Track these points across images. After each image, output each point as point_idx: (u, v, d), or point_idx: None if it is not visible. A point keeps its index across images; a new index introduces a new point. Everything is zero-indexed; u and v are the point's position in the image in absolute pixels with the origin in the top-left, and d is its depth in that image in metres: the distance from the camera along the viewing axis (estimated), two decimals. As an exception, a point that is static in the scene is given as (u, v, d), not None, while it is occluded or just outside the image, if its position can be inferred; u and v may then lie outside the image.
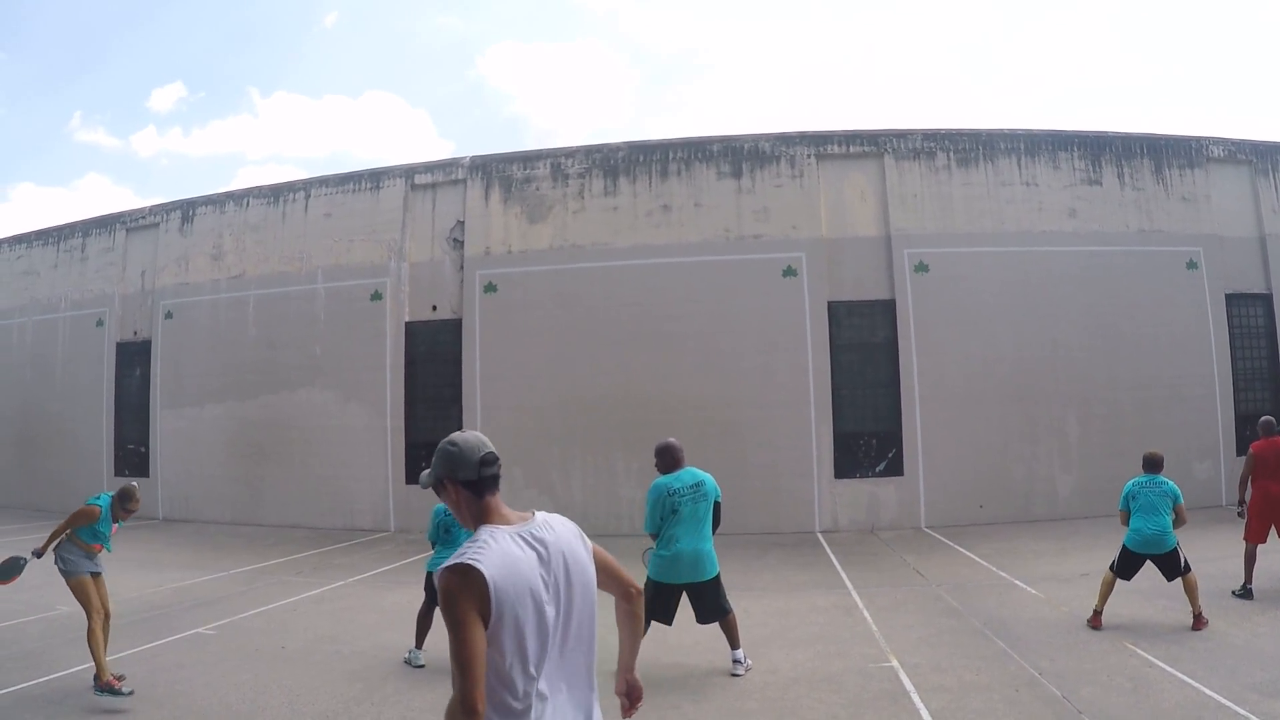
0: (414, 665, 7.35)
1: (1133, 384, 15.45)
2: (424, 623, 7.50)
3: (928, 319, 15.49)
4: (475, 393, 16.41)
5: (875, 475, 15.51)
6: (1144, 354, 15.54)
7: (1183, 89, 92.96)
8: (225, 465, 18.15)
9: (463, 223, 17.14)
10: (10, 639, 8.28)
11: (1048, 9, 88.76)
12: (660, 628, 7.03)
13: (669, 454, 7.03)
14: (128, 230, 20.54)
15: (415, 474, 16.44)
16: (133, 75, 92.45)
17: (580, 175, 16.74)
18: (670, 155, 16.55)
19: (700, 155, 16.45)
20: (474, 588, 2.23)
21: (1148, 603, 8.29)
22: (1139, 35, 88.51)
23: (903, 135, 16.25)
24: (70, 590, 6.78)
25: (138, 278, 20.18)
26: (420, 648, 7.49)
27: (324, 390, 17.44)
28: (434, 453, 2.53)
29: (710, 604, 6.93)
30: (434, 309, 17.24)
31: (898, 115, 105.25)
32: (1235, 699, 5.72)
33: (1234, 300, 16.06)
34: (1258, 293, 16.21)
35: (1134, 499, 8.05)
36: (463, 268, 16.99)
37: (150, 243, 20.10)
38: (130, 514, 6.95)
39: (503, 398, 16.25)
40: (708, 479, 6.99)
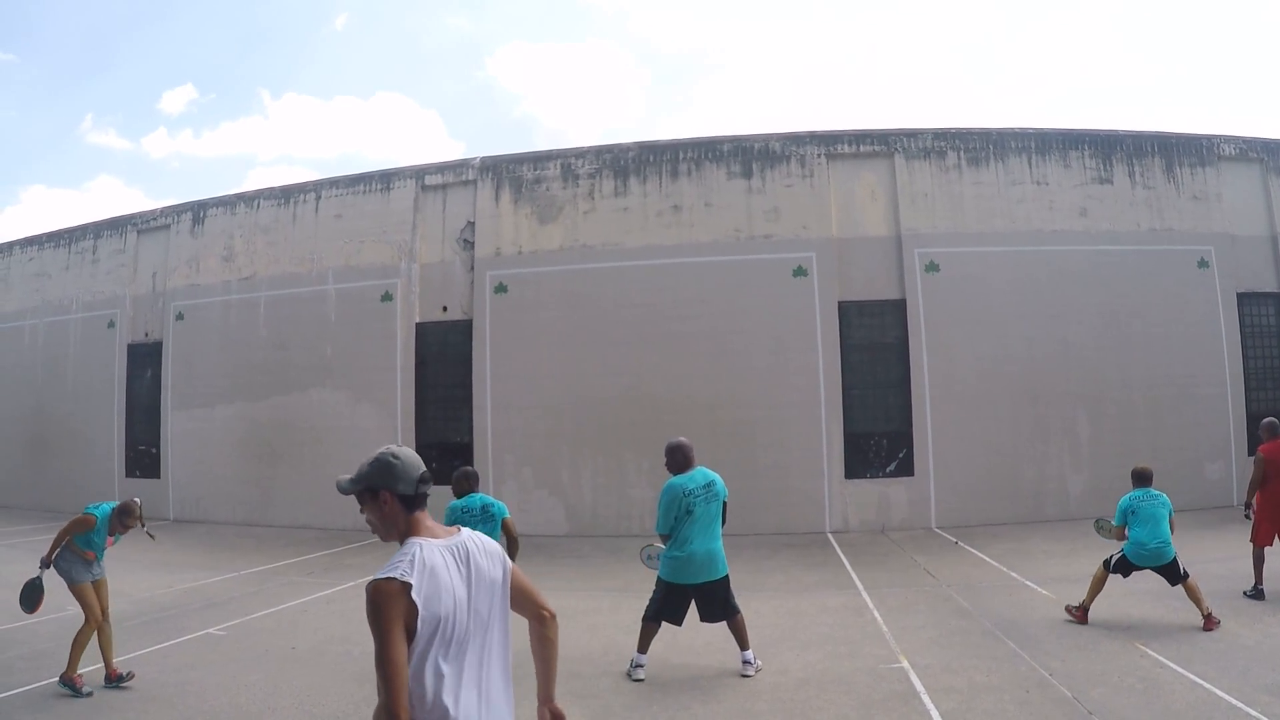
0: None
1: (1144, 383, 15.40)
2: None
3: (938, 319, 15.46)
4: (485, 393, 16.44)
5: (886, 475, 15.48)
6: (1155, 353, 15.49)
7: (1187, 89, 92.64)
8: (236, 466, 18.22)
9: (473, 223, 17.17)
10: (21, 639, 8.32)
11: (1050, 9, 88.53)
12: (670, 629, 7.04)
13: (681, 453, 6.99)
14: (139, 232, 20.64)
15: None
16: (143, 77, 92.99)
17: (590, 176, 16.75)
18: (680, 155, 16.55)
19: (710, 155, 16.44)
20: (400, 599, 2.36)
21: (1158, 603, 8.25)
22: (1142, 35, 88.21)
23: (913, 134, 16.22)
24: (73, 596, 6.95)
25: (149, 279, 20.28)
26: None
27: (335, 391, 17.50)
28: (369, 462, 2.61)
29: (720, 603, 6.93)
30: (444, 310, 17.27)
31: (904, 115, 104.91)
32: (1247, 700, 5.69)
33: (1245, 299, 15.99)
34: (1269, 292, 16.13)
35: (1134, 513, 8.03)
36: (473, 268, 17.02)
37: (161, 244, 20.20)
38: (128, 529, 7.11)
39: (513, 398, 16.27)
40: (717, 478, 6.98)
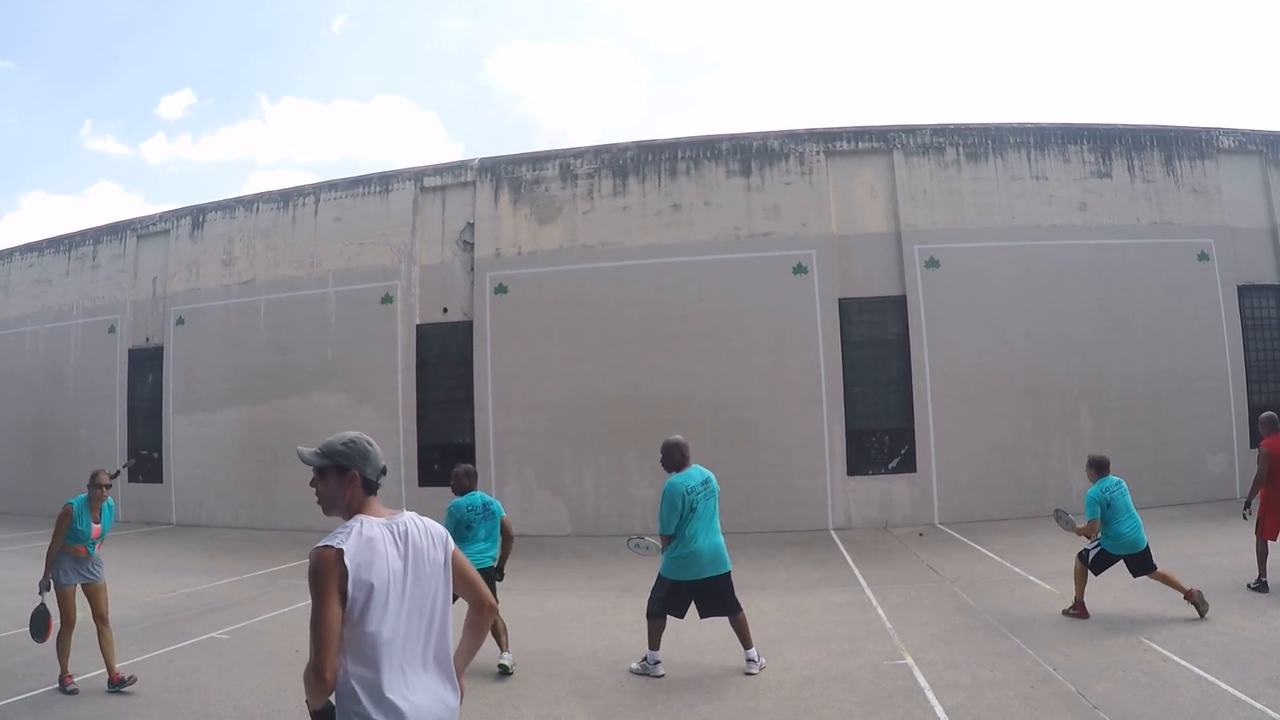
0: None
1: (1145, 377, 15.40)
2: None
3: (939, 314, 15.45)
4: (487, 394, 16.44)
5: (888, 472, 15.48)
6: (1156, 347, 15.48)
7: (1186, 88, 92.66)
8: (238, 470, 18.23)
9: (472, 225, 17.16)
10: (25, 645, 8.28)
11: (1049, 8, 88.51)
12: (674, 627, 7.03)
13: (678, 451, 7.04)
14: (139, 237, 20.64)
15: (428, 477, 16.54)
16: (142, 83, 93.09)
17: (589, 176, 16.74)
18: (679, 154, 16.54)
19: (709, 154, 16.43)
20: (337, 568, 2.57)
21: (1161, 597, 8.24)
22: (1140, 35, 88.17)
23: (911, 131, 16.21)
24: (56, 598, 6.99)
25: (149, 284, 20.28)
26: None
27: (336, 394, 17.51)
28: (343, 443, 2.85)
29: (723, 599, 6.94)
30: (445, 311, 17.26)
31: (904, 113, 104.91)
32: (1251, 693, 5.69)
33: (1246, 292, 15.99)
34: (1270, 284, 16.13)
35: (1109, 505, 8.02)
36: (473, 270, 17.02)
37: (161, 249, 20.20)
38: (101, 488, 7.16)
39: (514, 399, 16.28)
40: (711, 475, 7.07)
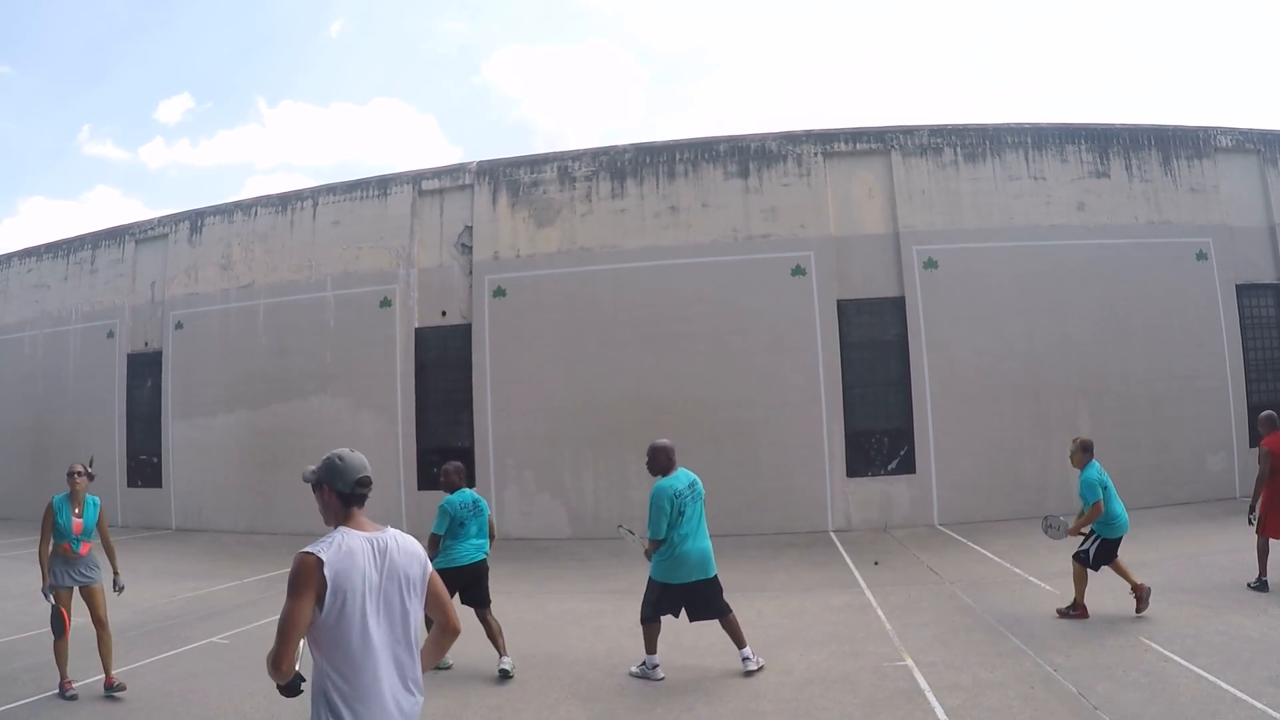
0: (441, 668, 7.34)
1: (1144, 377, 15.40)
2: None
3: (938, 315, 15.45)
4: (486, 397, 16.43)
5: (888, 473, 15.46)
6: (1155, 346, 15.48)
7: (1185, 88, 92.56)
8: (238, 474, 18.21)
9: (471, 228, 17.16)
10: (25, 650, 8.33)
11: (1048, 9, 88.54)
12: (674, 630, 7.03)
13: (664, 455, 7.03)
14: (137, 242, 20.64)
15: (428, 480, 16.52)
16: (140, 87, 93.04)
17: (587, 178, 16.74)
18: (677, 156, 16.54)
19: (707, 156, 16.43)
20: (316, 574, 2.77)
21: (1162, 596, 8.23)
22: (1140, 35, 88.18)
23: (909, 132, 16.21)
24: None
25: (148, 289, 20.27)
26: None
27: (335, 398, 17.49)
28: (322, 460, 3.06)
29: (712, 602, 6.95)
30: (443, 314, 17.25)
31: (902, 114, 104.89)
32: (1252, 692, 5.68)
33: (1244, 291, 15.99)
34: (1268, 283, 16.13)
35: (1106, 487, 8.05)
36: (471, 273, 17.01)
37: (160, 254, 20.19)
38: (77, 478, 7.35)
39: (514, 402, 16.27)
40: (696, 478, 7.06)
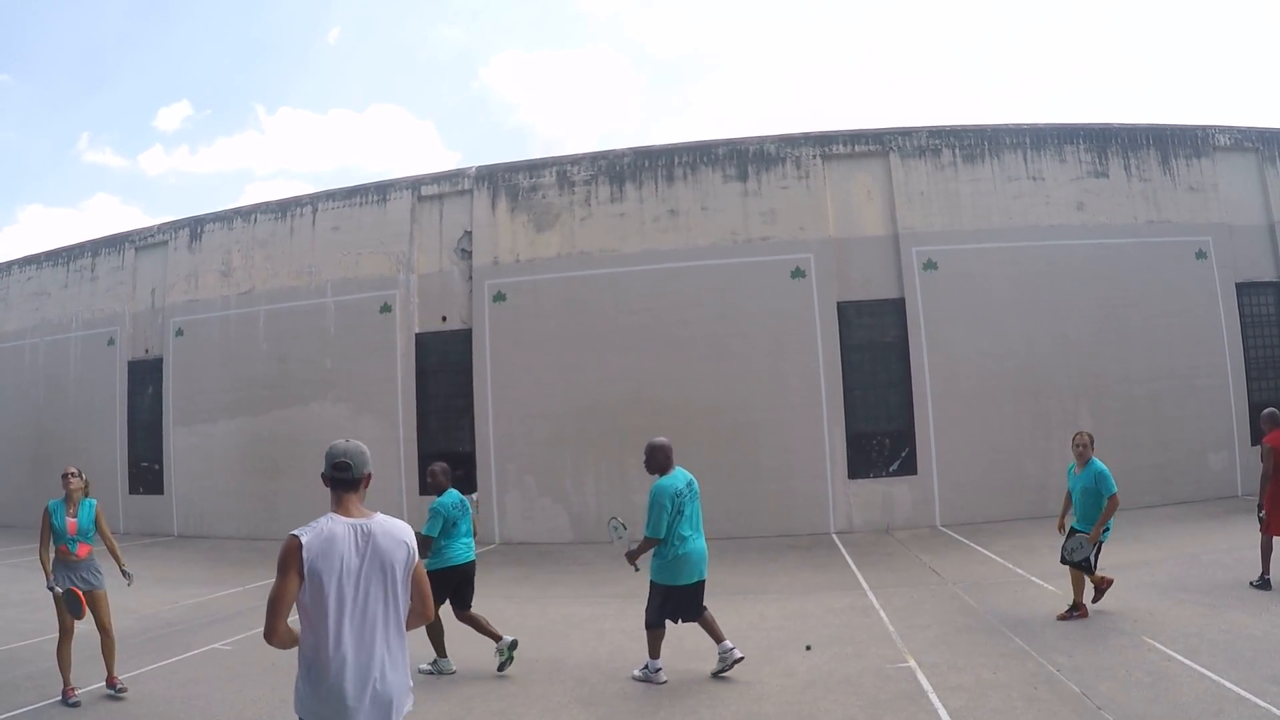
0: (445, 673, 7.33)
1: (1145, 376, 15.39)
2: (434, 629, 7.38)
3: (937, 317, 15.45)
4: (487, 402, 16.43)
5: (889, 475, 15.46)
6: (1155, 346, 15.48)
7: (1185, 89, 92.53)
8: (239, 481, 18.21)
9: (470, 233, 17.17)
10: (26, 658, 8.32)
11: (1048, 10, 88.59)
12: (676, 633, 7.01)
13: (663, 453, 7.00)
14: (137, 249, 20.66)
15: (428, 486, 16.49)
16: (139, 95, 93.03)
17: (586, 182, 16.75)
18: (675, 160, 16.55)
19: (706, 159, 16.44)
20: (296, 555, 3.05)
21: (1164, 596, 8.23)
22: (1140, 37, 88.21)
23: (908, 133, 16.22)
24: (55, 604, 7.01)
25: (148, 296, 20.29)
26: (445, 655, 7.44)
27: (336, 403, 17.49)
28: None
29: (698, 602, 6.95)
30: (444, 320, 17.26)
31: (901, 116, 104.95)
32: (1255, 691, 5.68)
33: (1244, 289, 16.00)
34: (1268, 281, 16.14)
35: None
36: (471, 278, 17.02)
37: (159, 261, 20.21)
38: (71, 479, 7.21)
39: (515, 406, 16.26)
40: (692, 477, 7.05)
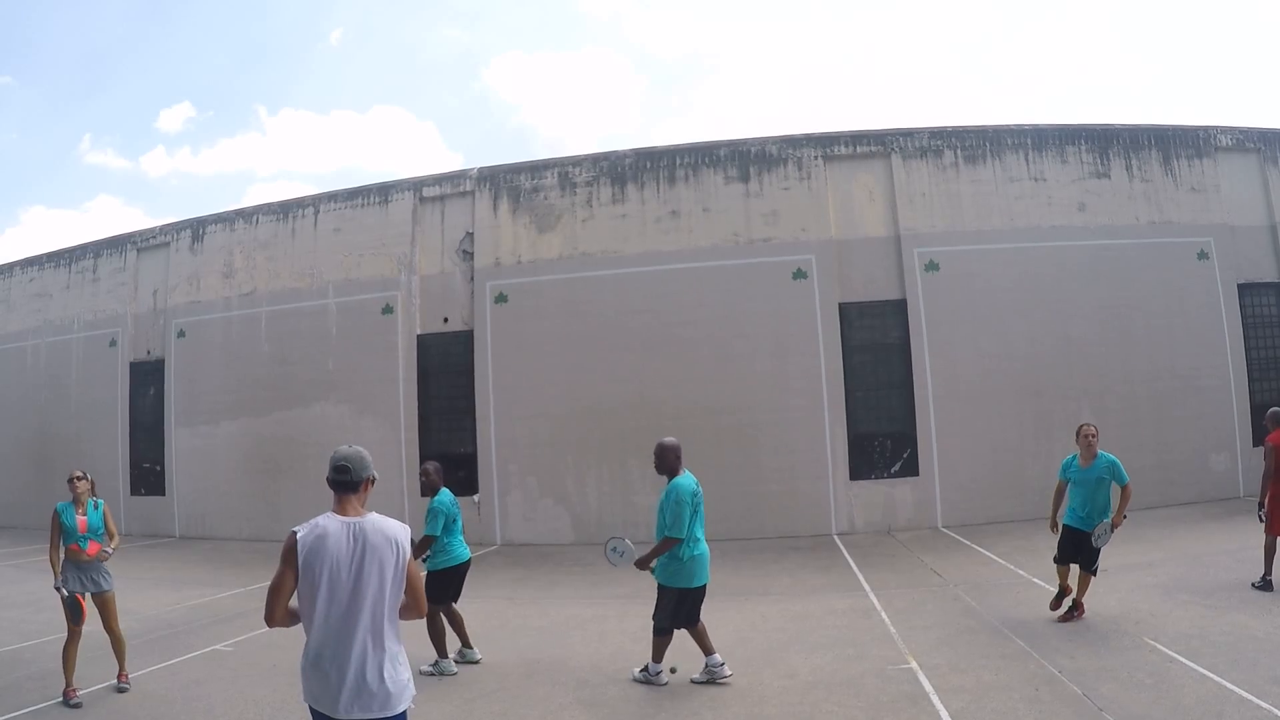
0: (446, 674, 7.33)
1: (1146, 377, 15.38)
2: (435, 629, 7.39)
3: (939, 318, 15.44)
4: (488, 403, 16.43)
5: (891, 476, 15.45)
6: (1157, 346, 15.47)
7: (1185, 88, 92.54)
8: (241, 482, 18.23)
9: (472, 234, 17.18)
10: (29, 658, 8.33)
11: (1048, 9, 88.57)
12: (677, 635, 6.99)
13: (673, 453, 6.93)
14: (139, 250, 20.67)
15: (423, 486, 16.50)
16: (141, 97, 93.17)
17: (588, 184, 16.75)
18: (677, 161, 16.55)
19: (707, 160, 16.44)
20: (293, 547, 3.36)
21: (1166, 597, 8.23)
22: (1140, 35, 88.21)
23: (909, 134, 16.21)
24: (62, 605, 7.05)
25: (150, 297, 20.31)
26: (446, 656, 7.44)
27: (337, 405, 17.50)
28: None
29: (697, 608, 6.89)
30: (445, 321, 17.27)
31: (902, 115, 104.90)
32: (1257, 692, 5.68)
33: (1246, 290, 15.99)
34: (1270, 281, 16.13)
35: None
36: (473, 279, 17.03)
37: (161, 262, 20.23)
38: (77, 481, 7.51)
39: (516, 408, 16.27)
40: (695, 479, 6.97)
